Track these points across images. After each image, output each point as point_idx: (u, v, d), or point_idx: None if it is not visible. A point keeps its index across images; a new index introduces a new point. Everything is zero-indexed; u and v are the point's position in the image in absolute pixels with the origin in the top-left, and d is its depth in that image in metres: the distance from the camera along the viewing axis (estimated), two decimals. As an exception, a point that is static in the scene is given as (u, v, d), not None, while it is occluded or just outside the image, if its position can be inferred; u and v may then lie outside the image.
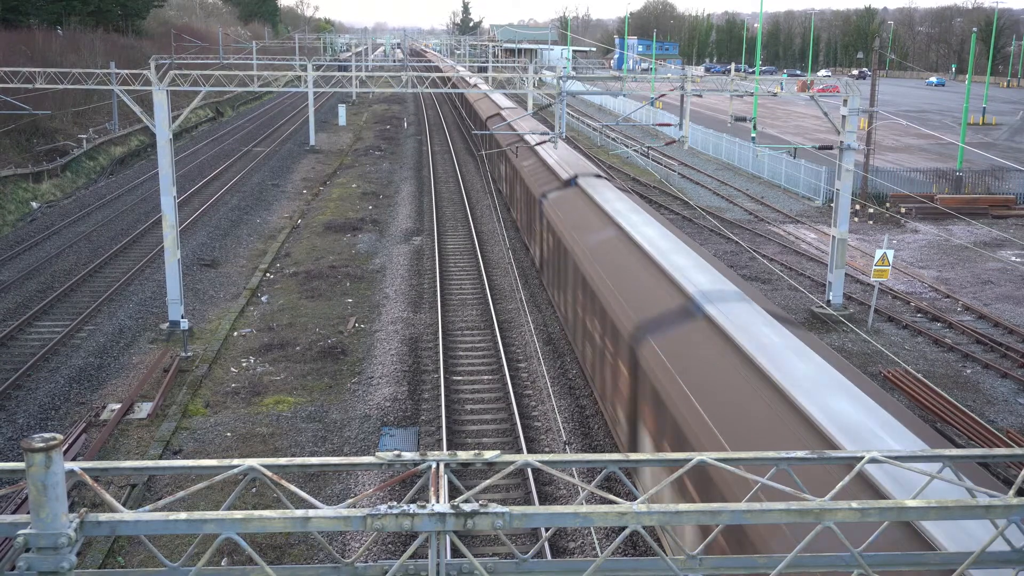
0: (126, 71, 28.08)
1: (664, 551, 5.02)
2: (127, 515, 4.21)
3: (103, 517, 4.20)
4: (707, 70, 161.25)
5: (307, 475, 17.35)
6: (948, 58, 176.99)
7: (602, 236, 21.96)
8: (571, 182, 28.51)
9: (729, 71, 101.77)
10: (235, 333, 26.33)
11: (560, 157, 33.21)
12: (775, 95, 30.37)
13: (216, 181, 50.22)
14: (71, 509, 4.11)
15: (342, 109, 78.47)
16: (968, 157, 50.41)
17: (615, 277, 18.94)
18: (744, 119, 43.53)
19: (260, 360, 24.22)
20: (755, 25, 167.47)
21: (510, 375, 22.69)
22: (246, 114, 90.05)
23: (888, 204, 43.52)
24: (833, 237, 28.08)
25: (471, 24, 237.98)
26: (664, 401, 13.58)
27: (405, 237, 38.33)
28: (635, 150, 56.68)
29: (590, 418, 20.45)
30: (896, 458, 4.81)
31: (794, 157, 50.38)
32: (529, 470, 16.93)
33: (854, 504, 4.34)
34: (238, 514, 4.20)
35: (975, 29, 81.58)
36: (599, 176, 29.50)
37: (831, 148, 31.51)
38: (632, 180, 50.85)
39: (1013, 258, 35.07)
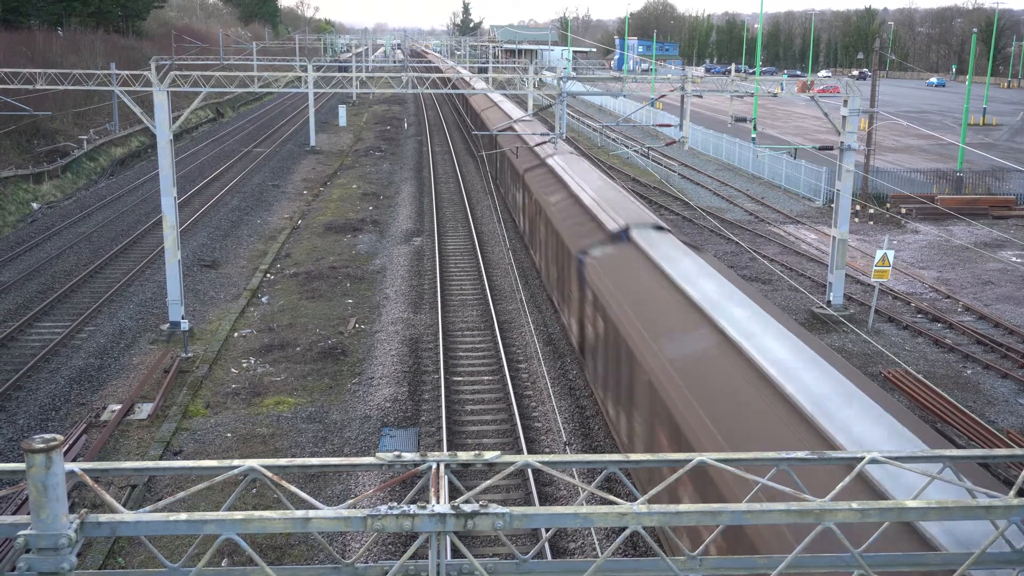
0: (126, 72, 28.09)
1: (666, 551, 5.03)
2: (127, 516, 4.21)
3: (103, 518, 4.20)
4: (707, 71, 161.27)
5: (307, 476, 17.35)
6: (948, 59, 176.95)
7: (693, 344, 14.35)
8: (622, 235, 21.53)
9: (729, 72, 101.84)
10: (235, 334, 26.33)
11: (597, 192, 25.90)
12: (775, 96, 30.38)
13: (216, 182, 50.23)
14: (71, 510, 4.11)
15: (342, 110, 78.48)
16: (968, 158, 50.42)
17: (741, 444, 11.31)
18: (744, 120, 43.53)
19: (260, 361, 24.22)
20: (755, 26, 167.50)
21: (510, 376, 22.69)
22: (246, 115, 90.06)
23: (888, 205, 43.52)
24: (833, 238, 28.08)
25: (471, 25, 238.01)
26: None
27: (405, 238, 38.34)
28: (635, 151, 56.70)
29: (590, 419, 20.44)
30: (896, 459, 4.81)
31: (794, 158, 50.38)
32: (529, 471, 16.92)
33: (854, 505, 4.34)
34: (238, 515, 4.20)
35: (975, 30, 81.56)
36: (660, 228, 21.65)
37: (831, 149, 31.52)
38: (632, 180, 50.85)
39: (1013, 259, 35.06)
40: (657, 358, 14.43)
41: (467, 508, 4.21)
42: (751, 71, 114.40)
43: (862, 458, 4.76)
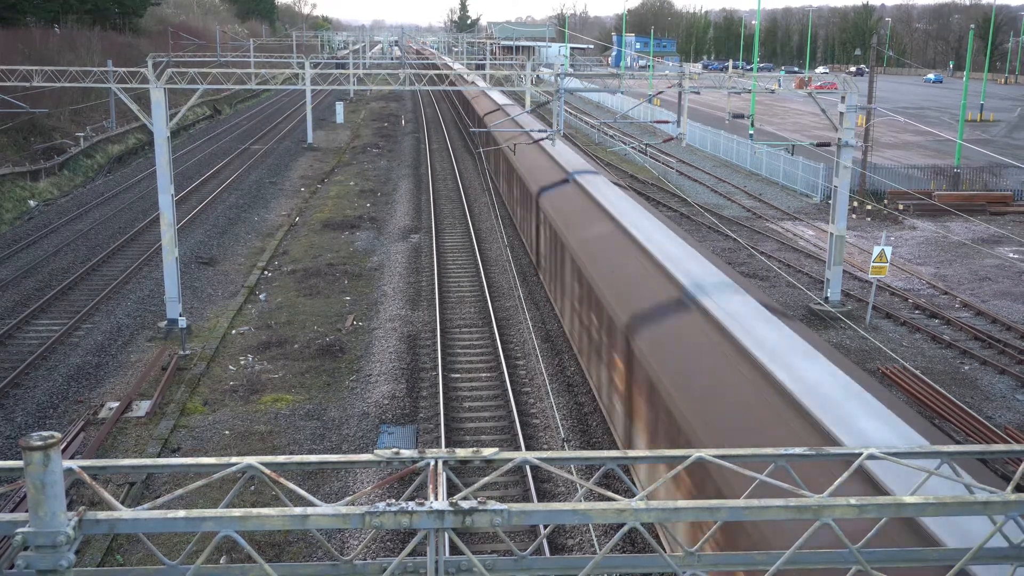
0: (123, 69, 28.04)
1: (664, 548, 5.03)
2: (125, 513, 4.21)
3: (102, 515, 4.20)
4: (705, 67, 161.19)
5: (305, 473, 17.36)
6: (946, 55, 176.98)
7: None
8: (687, 301, 15.57)
9: (727, 68, 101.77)
10: (233, 331, 26.32)
11: (646, 237, 19.81)
12: (773, 92, 30.37)
13: (214, 179, 50.18)
14: (70, 507, 4.11)
15: (340, 107, 78.43)
16: (966, 154, 50.46)
17: None
18: (742, 116, 43.55)
19: (258, 358, 24.20)
20: (753, 22, 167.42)
21: (508, 372, 22.69)
22: (244, 112, 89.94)
23: (886, 201, 43.55)
24: (831, 234, 28.09)
25: (468, 21, 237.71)
26: None
27: (403, 235, 38.32)
28: (633, 147, 56.68)
29: (588, 415, 20.45)
30: (894, 454, 4.81)
31: (792, 154, 50.39)
32: (527, 467, 16.93)
33: (852, 500, 4.34)
34: (237, 512, 4.20)
35: (973, 25, 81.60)
36: (761, 306, 15.16)
37: (829, 145, 31.52)
38: (630, 177, 50.83)
39: (1011, 254, 35.09)
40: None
41: (465, 505, 4.21)
42: (749, 67, 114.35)
43: (860, 454, 4.77)
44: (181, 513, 4.20)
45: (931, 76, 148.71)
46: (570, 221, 23.76)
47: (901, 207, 42.51)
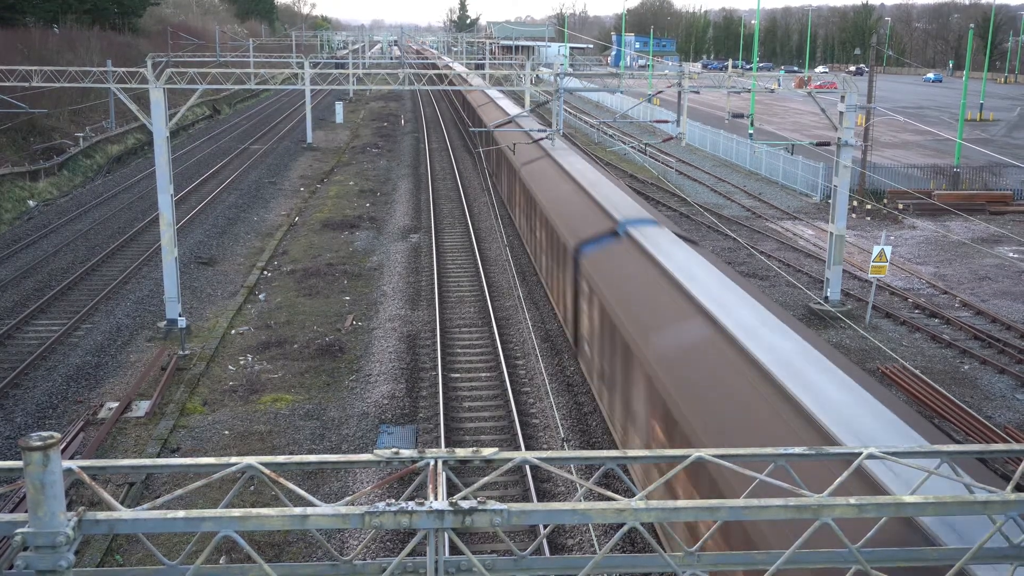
0: (123, 69, 28.03)
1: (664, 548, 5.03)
2: (125, 513, 4.20)
3: (101, 515, 4.19)
4: (704, 67, 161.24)
5: (305, 473, 17.35)
6: (945, 54, 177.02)
7: None
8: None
9: (726, 68, 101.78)
10: (233, 331, 26.31)
11: (808, 386, 11.65)
12: (772, 92, 30.38)
13: (213, 179, 50.17)
14: (69, 507, 4.11)
15: (339, 107, 78.42)
16: (965, 153, 50.46)
17: None
18: (742, 116, 43.55)
19: (258, 358, 24.20)
20: (752, 21, 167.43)
21: (508, 372, 22.69)
22: (243, 112, 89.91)
23: (886, 200, 43.56)
24: (831, 233, 28.09)
25: (468, 21, 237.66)
26: None
27: (402, 234, 38.32)
28: (632, 147, 56.67)
29: (588, 415, 20.45)
30: (894, 454, 4.81)
31: (791, 153, 50.40)
32: (527, 467, 16.92)
33: (852, 500, 4.34)
34: (236, 512, 4.20)
35: (972, 25, 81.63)
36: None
37: (828, 144, 31.53)
38: (630, 177, 50.82)
39: (1010, 254, 35.09)
40: None
41: (465, 505, 4.21)
42: (748, 67, 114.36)
43: (859, 453, 4.77)
44: (181, 513, 4.20)
45: (931, 75, 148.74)
46: (635, 308, 16.54)
47: (901, 206, 42.51)
